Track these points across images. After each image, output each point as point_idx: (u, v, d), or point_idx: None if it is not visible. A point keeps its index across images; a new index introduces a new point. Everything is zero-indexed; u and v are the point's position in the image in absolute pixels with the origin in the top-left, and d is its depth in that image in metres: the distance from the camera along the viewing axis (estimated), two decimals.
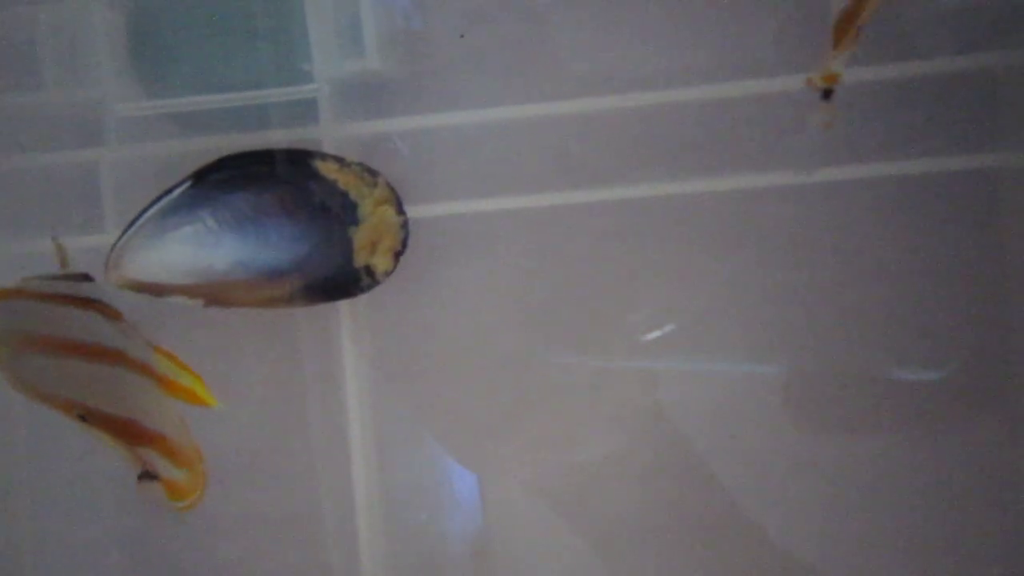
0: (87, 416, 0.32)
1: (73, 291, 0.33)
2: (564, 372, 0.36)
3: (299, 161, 0.34)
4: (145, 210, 0.33)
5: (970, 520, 0.33)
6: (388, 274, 0.34)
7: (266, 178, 0.34)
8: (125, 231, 0.33)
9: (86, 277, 0.33)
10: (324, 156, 0.34)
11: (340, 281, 0.34)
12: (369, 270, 0.34)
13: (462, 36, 0.35)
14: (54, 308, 0.32)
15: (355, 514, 0.36)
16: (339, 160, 0.34)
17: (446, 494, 0.37)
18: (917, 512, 0.34)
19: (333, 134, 0.35)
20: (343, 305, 0.35)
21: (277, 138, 0.35)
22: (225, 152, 0.34)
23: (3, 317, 0.32)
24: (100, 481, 0.38)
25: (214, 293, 0.33)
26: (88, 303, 0.33)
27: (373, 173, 0.34)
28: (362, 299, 0.34)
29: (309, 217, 0.34)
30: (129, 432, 0.32)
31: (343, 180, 0.34)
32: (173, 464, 0.33)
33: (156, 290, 0.33)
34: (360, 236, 0.34)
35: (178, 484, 0.33)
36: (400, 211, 0.34)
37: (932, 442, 0.33)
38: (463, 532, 0.37)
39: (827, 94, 0.27)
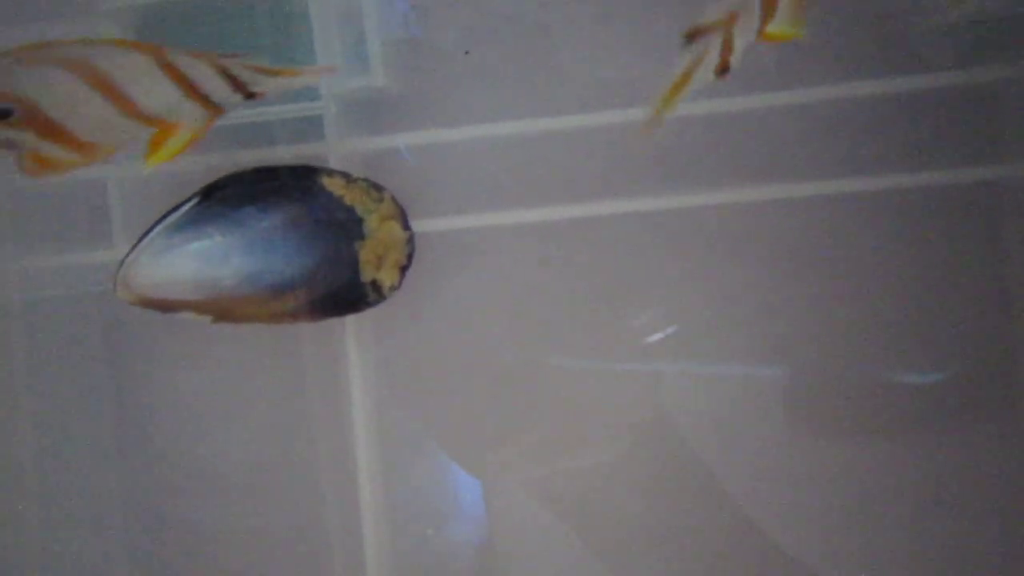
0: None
1: None
2: (567, 381, 0.36)
3: (305, 177, 0.34)
4: (153, 226, 0.33)
5: (971, 522, 0.33)
6: (394, 289, 0.34)
7: (273, 194, 0.34)
8: (134, 247, 0.33)
9: None
10: (330, 172, 0.34)
11: (346, 296, 0.34)
12: (375, 285, 0.34)
13: (467, 53, 0.35)
14: None
15: (361, 526, 0.36)
16: (345, 176, 0.34)
17: (451, 505, 0.37)
18: (919, 515, 0.34)
19: (339, 150, 0.35)
20: (349, 320, 0.35)
21: (283, 154, 0.35)
22: (232, 169, 0.34)
23: None
24: (107, 495, 0.38)
25: (222, 308, 0.34)
26: None
27: (379, 188, 0.34)
28: (368, 314, 0.35)
29: (315, 233, 0.34)
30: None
31: (349, 196, 0.34)
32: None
33: (164, 306, 0.33)
34: (366, 251, 0.34)
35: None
36: (406, 226, 0.34)
37: (933, 446, 0.34)
38: (468, 542, 0.37)
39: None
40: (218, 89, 0.29)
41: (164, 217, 0.33)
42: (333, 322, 0.35)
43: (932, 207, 0.33)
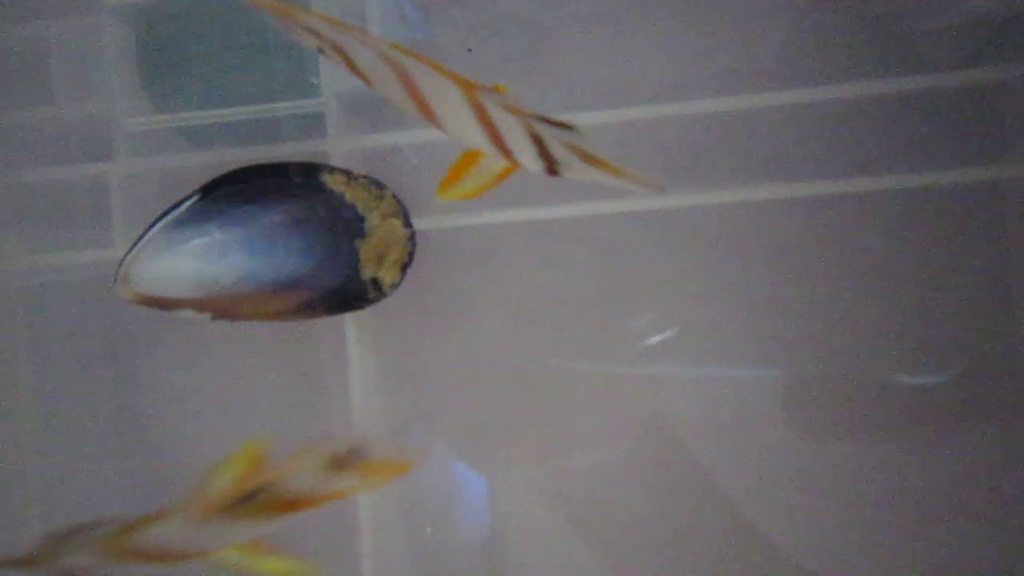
0: None
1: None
2: (569, 380, 0.36)
3: (307, 174, 0.34)
4: (154, 224, 0.33)
5: (972, 524, 0.33)
6: (395, 286, 0.34)
7: (274, 191, 0.34)
8: (133, 245, 0.33)
9: None
10: (332, 169, 0.34)
11: (347, 294, 0.34)
12: (376, 282, 0.34)
13: (469, 50, 0.35)
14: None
15: (359, 524, 0.36)
16: (347, 173, 0.34)
17: (450, 504, 0.37)
18: (920, 517, 0.33)
19: (340, 147, 0.35)
20: (350, 317, 0.35)
21: (285, 152, 0.35)
22: (233, 166, 0.34)
23: None
24: (107, 492, 0.38)
25: (222, 306, 0.34)
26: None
27: (380, 186, 0.34)
28: (369, 311, 0.35)
29: (316, 230, 0.34)
30: None
31: (350, 193, 0.34)
32: None
33: (165, 304, 0.33)
34: (367, 249, 0.34)
35: None
36: (407, 224, 0.34)
37: (934, 447, 0.33)
38: (467, 541, 0.37)
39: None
40: (523, 152, 0.25)
41: (164, 214, 0.33)
42: (333, 320, 0.35)
43: (934, 207, 0.33)
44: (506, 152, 0.26)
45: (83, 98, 0.37)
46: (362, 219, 0.34)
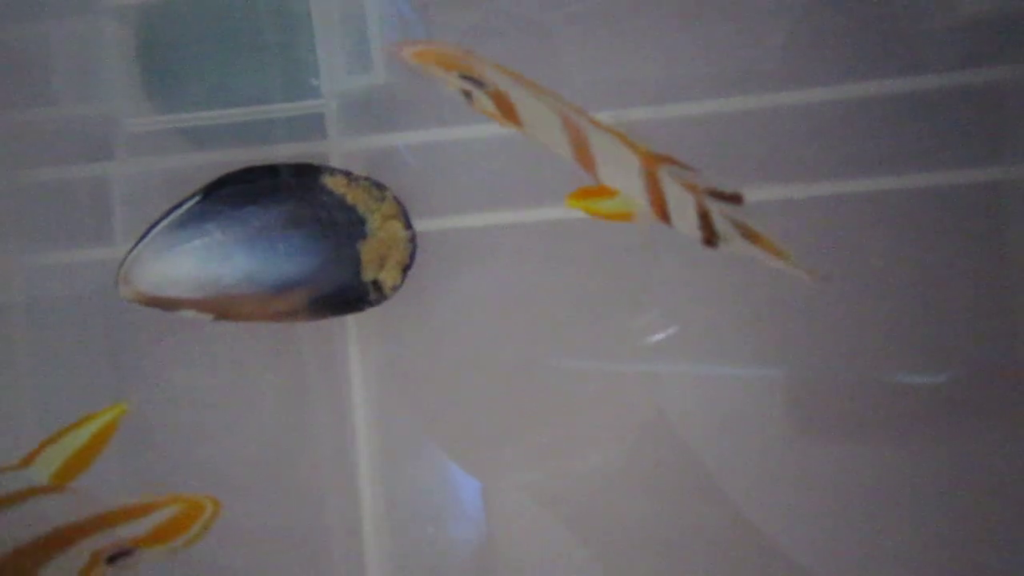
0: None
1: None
2: (568, 382, 0.36)
3: (307, 176, 0.34)
4: (155, 224, 0.33)
5: (973, 524, 0.33)
6: (396, 288, 0.34)
7: (275, 192, 0.34)
8: (135, 245, 0.33)
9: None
10: (332, 171, 0.34)
11: (348, 295, 0.34)
12: (377, 284, 0.34)
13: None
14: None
15: (361, 525, 0.36)
16: (347, 175, 0.34)
17: (452, 504, 0.37)
18: (920, 517, 0.34)
19: (340, 148, 0.35)
20: (351, 319, 0.35)
21: (285, 153, 0.35)
22: (234, 167, 0.34)
23: None
24: (107, 492, 0.38)
25: (223, 307, 0.34)
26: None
27: (381, 188, 0.34)
28: (370, 313, 0.35)
29: (317, 231, 0.34)
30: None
31: (351, 195, 0.34)
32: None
33: (166, 304, 0.33)
34: (368, 250, 0.34)
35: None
36: (408, 225, 0.34)
37: (934, 447, 0.33)
38: (469, 542, 0.37)
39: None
40: (685, 221, 0.25)
41: (166, 215, 0.33)
42: (334, 321, 0.35)
43: (934, 208, 0.33)
44: (664, 217, 0.25)
45: (84, 98, 0.37)
46: (363, 221, 0.34)
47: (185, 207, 0.33)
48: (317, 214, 0.34)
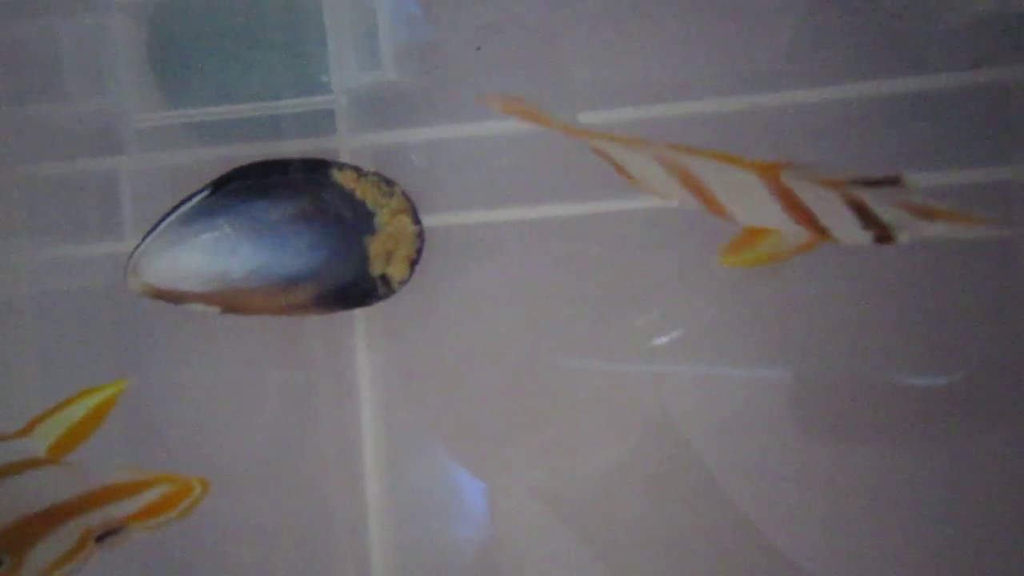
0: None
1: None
2: (573, 379, 0.36)
3: (317, 170, 0.34)
4: (164, 218, 0.34)
5: (978, 526, 0.33)
6: (403, 283, 0.35)
7: (284, 187, 0.34)
8: (144, 238, 0.33)
9: None
10: (341, 166, 0.34)
11: (356, 289, 0.34)
12: (385, 279, 0.34)
13: (478, 48, 0.35)
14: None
15: (367, 521, 0.36)
16: (356, 170, 0.34)
17: (458, 502, 0.37)
18: (923, 518, 0.34)
19: (350, 144, 0.35)
20: (358, 313, 0.35)
21: (295, 148, 0.35)
22: (243, 161, 0.34)
23: None
24: None
25: (231, 300, 0.34)
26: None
27: (390, 183, 0.34)
28: (377, 307, 0.35)
29: (326, 226, 0.34)
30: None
31: (360, 190, 0.34)
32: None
33: (174, 297, 0.34)
34: (376, 245, 0.34)
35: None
36: (416, 221, 0.34)
37: (939, 449, 0.33)
38: (474, 540, 0.37)
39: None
40: (843, 226, 0.22)
41: (175, 209, 0.34)
42: (342, 315, 0.35)
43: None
44: (820, 231, 0.23)
45: (94, 93, 0.37)
46: (371, 215, 0.34)
47: (194, 201, 0.34)
48: (326, 209, 0.34)
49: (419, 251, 0.35)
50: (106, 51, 0.37)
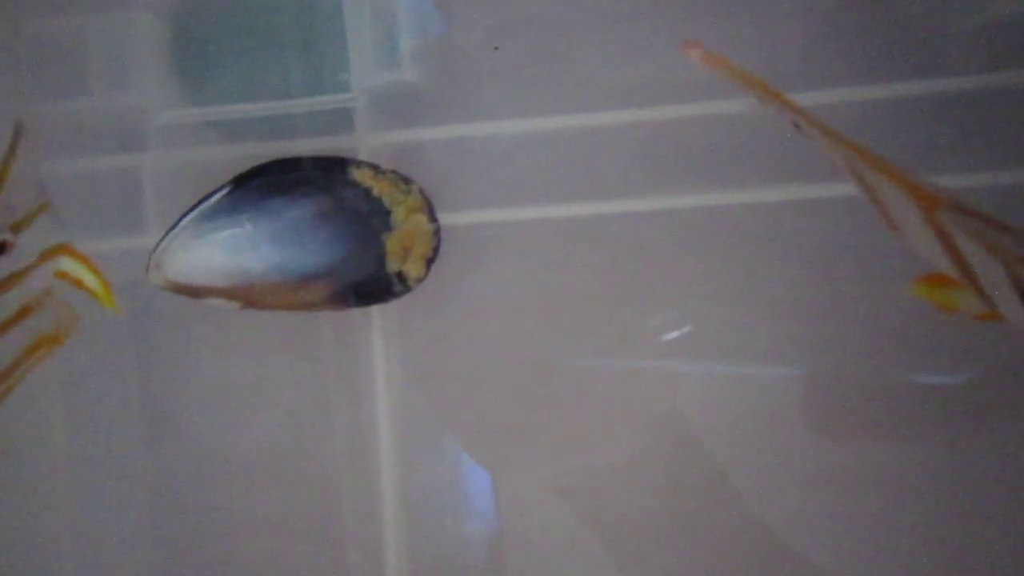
0: None
1: None
2: (586, 376, 0.36)
3: (335, 168, 0.34)
4: (186, 214, 0.34)
5: (989, 525, 0.33)
6: (420, 280, 0.35)
7: (303, 185, 0.34)
8: (166, 234, 0.34)
9: None
10: (360, 164, 0.35)
11: (373, 286, 0.35)
12: (401, 276, 0.35)
13: (496, 48, 0.36)
14: None
15: (381, 516, 0.36)
16: (374, 168, 0.35)
17: (471, 497, 0.37)
18: (936, 517, 0.33)
19: (368, 142, 0.35)
20: (375, 310, 0.36)
21: (314, 146, 0.35)
22: (263, 159, 0.35)
23: None
24: (133, 478, 0.39)
25: (250, 296, 0.34)
26: None
27: (407, 181, 0.35)
28: (394, 304, 0.35)
29: (344, 223, 0.34)
30: None
31: (378, 187, 0.34)
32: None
33: (195, 292, 0.34)
34: (393, 243, 0.34)
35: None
36: (433, 219, 0.35)
37: (952, 448, 0.33)
38: (486, 534, 0.37)
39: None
40: (1007, 300, 0.19)
41: (196, 205, 0.34)
42: (359, 312, 0.35)
43: None
44: (986, 299, 0.20)
45: (117, 90, 0.37)
46: (388, 213, 0.34)
47: (215, 198, 0.34)
48: (344, 206, 0.34)
49: (436, 249, 0.35)
50: (129, 48, 0.37)
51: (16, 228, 0.28)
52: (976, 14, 0.32)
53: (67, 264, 0.31)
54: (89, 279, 0.32)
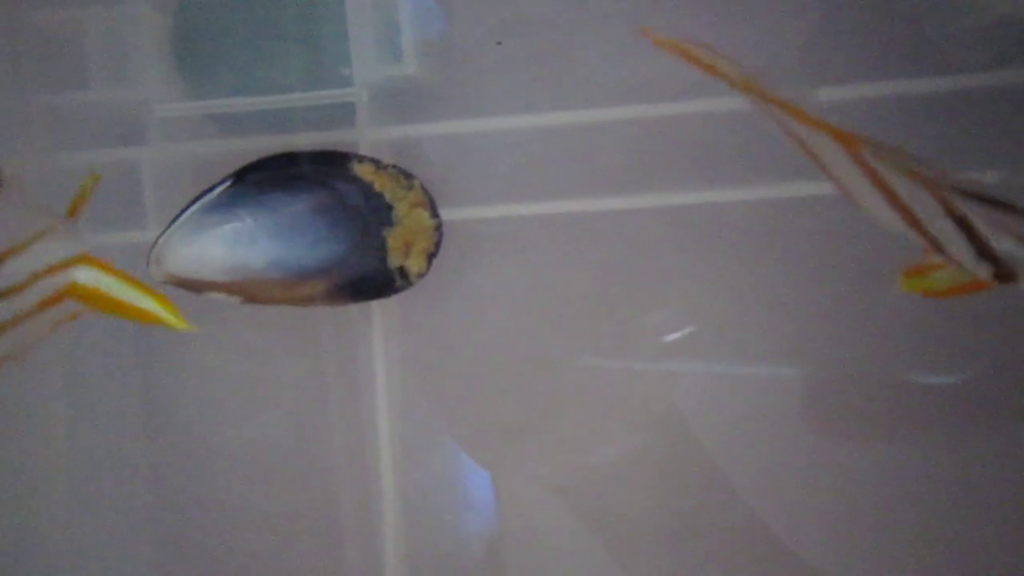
0: None
1: None
2: (585, 374, 0.36)
3: (336, 163, 0.34)
4: (186, 208, 0.34)
5: (988, 524, 0.33)
6: (421, 276, 0.35)
7: (304, 179, 0.34)
8: (166, 228, 0.34)
9: None
10: (361, 158, 0.34)
11: (374, 281, 0.34)
12: (402, 271, 0.35)
13: (499, 43, 0.35)
14: None
15: (380, 512, 0.36)
16: (376, 163, 0.34)
17: (470, 493, 0.38)
18: (935, 517, 0.34)
19: (369, 137, 0.35)
20: (375, 305, 0.36)
21: (315, 140, 0.35)
22: (264, 153, 0.34)
23: None
24: (133, 472, 0.39)
25: (251, 290, 0.34)
26: None
27: (409, 176, 0.35)
28: (394, 300, 0.35)
29: (345, 218, 0.34)
30: None
31: (379, 182, 0.34)
32: None
33: (195, 286, 0.34)
34: (394, 238, 0.34)
35: None
36: (434, 214, 0.35)
37: (950, 447, 0.33)
38: (485, 531, 0.37)
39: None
40: (952, 241, 0.19)
41: (197, 199, 0.34)
42: (359, 307, 0.35)
43: None
44: (933, 242, 0.19)
45: (117, 83, 0.37)
46: (390, 208, 0.34)
47: (216, 192, 0.34)
48: (345, 201, 0.34)
49: (437, 244, 0.35)
50: (130, 42, 0.37)
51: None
52: (978, 13, 0.32)
53: (86, 275, 0.28)
54: (130, 294, 0.28)
